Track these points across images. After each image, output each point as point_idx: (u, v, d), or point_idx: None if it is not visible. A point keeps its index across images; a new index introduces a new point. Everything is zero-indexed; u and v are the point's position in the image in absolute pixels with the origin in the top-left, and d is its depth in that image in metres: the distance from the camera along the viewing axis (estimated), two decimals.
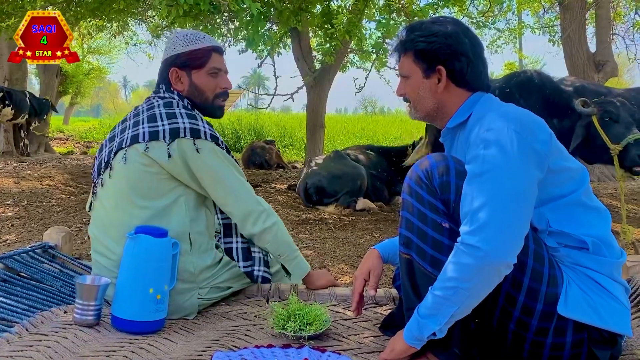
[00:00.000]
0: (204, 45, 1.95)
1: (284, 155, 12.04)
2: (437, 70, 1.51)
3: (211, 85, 1.96)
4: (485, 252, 1.26)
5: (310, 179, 5.71)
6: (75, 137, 17.52)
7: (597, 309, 1.36)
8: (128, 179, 1.82)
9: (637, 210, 5.68)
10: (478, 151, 1.36)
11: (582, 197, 1.44)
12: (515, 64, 17.06)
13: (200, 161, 1.83)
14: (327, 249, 3.91)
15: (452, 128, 1.57)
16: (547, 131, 1.41)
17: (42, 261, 2.12)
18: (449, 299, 1.31)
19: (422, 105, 1.57)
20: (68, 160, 10.27)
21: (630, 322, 1.41)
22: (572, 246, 1.41)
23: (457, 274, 1.30)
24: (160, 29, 8.68)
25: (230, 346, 1.59)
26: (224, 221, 1.99)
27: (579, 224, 1.41)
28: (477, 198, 1.31)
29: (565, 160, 1.45)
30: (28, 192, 5.95)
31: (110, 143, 1.92)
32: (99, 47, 18.02)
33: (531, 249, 1.37)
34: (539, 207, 1.41)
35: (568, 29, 7.24)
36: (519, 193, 1.31)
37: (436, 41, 1.49)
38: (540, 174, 1.36)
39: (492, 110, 1.44)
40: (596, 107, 3.86)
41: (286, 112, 30.82)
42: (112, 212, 1.85)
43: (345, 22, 6.34)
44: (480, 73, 1.52)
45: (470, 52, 1.50)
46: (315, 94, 8.47)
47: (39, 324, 1.59)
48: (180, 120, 1.82)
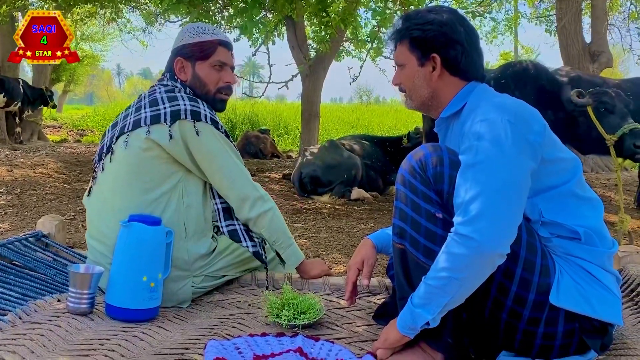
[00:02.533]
0: (211, 38, 1.98)
1: (279, 145, 12.02)
2: (432, 58, 1.51)
3: (213, 78, 1.98)
4: (479, 243, 1.26)
5: (305, 168, 5.70)
6: (68, 125, 17.37)
7: (589, 298, 1.36)
8: (128, 164, 1.83)
9: (629, 200, 5.71)
10: (472, 142, 1.35)
11: (575, 188, 1.44)
12: (511, 53, 17.06)
13: (199, 143, 1.84)
14: (321, 239, 3.92)
15: (446, 118, 1.57)
16: (541, 122, 1.41)
17: (36, 250, 2.11)
18: (442, 288, 1.31)
19: (417, 94, 1.57)
20: (61, 149, 10.20)
21: (621, 312, 1.42)
22: (564, 236, 1.41)
23: (450, 264, 1.30)
24: (154, 16, 8.60)
25: (224, 335, 1.59)
26: (222, 205, 1.98)
27: (572, 215, 1.42)
28: (470, 189, 1.30)
29: (558, 151, 1.45)
30: (21, 180, 5.92)
31: (113, 129, 1.94)
32: (92, 34, 17.85)
33: (524, 239, 1.37)
34: (532, 197, 1.41)
35: (563, 19, 7.22)
36: (512, 183, 1.31)
37: (431, 29, 1.49)
38: (534, 165, 1.36)
39: (486, 101, 1.44)
40: (591, 98, 3.87)
41: (281, 101, 30.71)
42: (110, 197, 1.86)
43: (340, 10, 6.30)
44: (475, 62, 1.52)
45: (466, 41, 1.50)
46: (310, 83, 8.43)
47: (32, 312, 1.59)
48: (182, 103, 1.85)
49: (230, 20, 7.69)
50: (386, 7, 6.12)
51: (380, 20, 6.15)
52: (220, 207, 1.98)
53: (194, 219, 1.88)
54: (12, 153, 8.71)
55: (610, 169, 8.37)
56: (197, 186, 1.91)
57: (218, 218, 1.98)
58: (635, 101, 4.11)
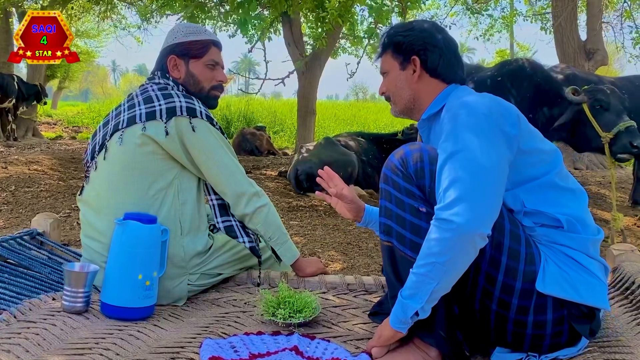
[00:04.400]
0: (204, 37, 2.00)
1: (275, 142, 12.00)
2: (412, 60, 1.60)
3: (207, 76, 2.00)
4: (458, 224, 1.28)
5: (301, 165, 5.70)
6: (63, 122, 17.31)
7: (574, 284, 1.39)
8: (123, 161, 1.83)
9: (624, 198, 5.73)
10: (448, 135, 1.40)
11: (556, 179, 1.47)
12: (507, 51, 17.08)
13: (195, 139, 1.85)
14: (317, 236, 3.92)
15: (426, 119, 1.64)
16: (515, 114, 1.45)
17: (30, 248, 2.10)
18: (427, 275, 1.32)
19: (399, 97, 1.65)
20: (56, 145, 10.16)
21: (607, 296, 1.45)
22: (547, 225, 1.44)
23: (433, 249, 1.32)
24: (149, 12, 8.56)
25: (220, 333, 1.59)
26: (217, 201, 1.99)
27: (553, 204, 1.45)
28: (448, 177, 1.34)
29: (536, 142, 1.48)
30: (16, 177, 5.89)
31: (104, 127, 1.94)
32: (87, 30, 17.75)
33: (507, 228, 1.40)
34: (513, 189, 1.45)
35: (560, 17, 7.23)
36: (489, 168, 1.33)
37: (411, 34, 1.61)
38: (510, 155, 1.39)
39: (463, 98, 1.48)
40: (587, 95, 3.87)
41: (277, 98, 30.68)
42: (104, 195, 1.85)
43: (337, 7, 6.29)
44: (453, 66, 1.61)
45: (444, 46, 1.60)
46: (306, 80, 8.41)
47: (27, 311, 1.58)
48: (177, 100, 1.86)
49: (227, 16, 7.67)
50: (383, 3, 6.10)
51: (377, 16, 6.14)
52: (215, 203, 1.99)
53: (189, 215, 1.87)
54: (7, 150, 8.68)
55: (605, 166, 8.41)
56: (191, 183, 1.91)
57: (214, 214, 1.99)
58: (630, 99, 4.13)
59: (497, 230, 1.37)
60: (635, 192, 5.45)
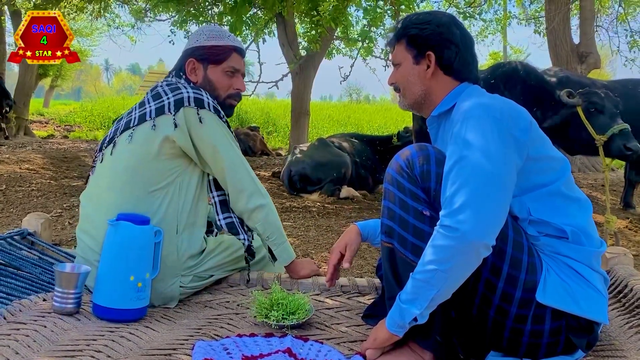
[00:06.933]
0: (226, 43, 1.97)
1: (268, 142, 11.99)
2: (427, 55, 1.55)
3: (224, 83, 1.98)
4: (462, 233, 1.26)
5: (294, 166, 5.69)
6: (55, 121, 17.19)
7: (575, 296, 1.37)
8: (129, 159, 1.82)
9: (615, 201, 5.76)
10: (458, 138, 1.37)
11: (563, 188, 1.45)
12: (500, 54, 17.16)
13: (202, 131, 1.84)
14: (310, 237, 3.91)
15: (437, 116, 1.60)
16: (527, 119, 1.42)
17: (21, 248, 2.08)
18: (429, 281, 1.31)
19: (410, 92, 1.60)
20: (48, 144, 10.09)
21: (607, 310, 1.43)
22: (552, 235, 1.42)
23: (436, 256, 1.30)
24: (143, 12, 8.53)
25: (213, 335, 1.58)
26: (219, 198, 1.98)
27: (560, 214, 1.43)
28: (455, 182, 1.32)
29: (547, 149, 1.46)
30: (7, 176, 5.84)
31: (118, 123, 1.94)
32: (80, 29, 17.64)
33: (510, 237, 1.38)
34: (520, 195, 1.42)
35: (553, 21, 7.27)
36: (496, 176, 1.32)
37: (428, 28, 1.54)
38: (519, 161, 1.38)
39: (474, 99, 1.46)
40: (581, 98, 3.89)
41: (271, 98, 30.62)
42: (105, 191, 1.84)
43: (331, 9, 6.29)
44: (468, 64, 1.56)
45: (461, 42, 1.54)
46: (300, 81, 8.42)
47: (17, 312, 1.56)
48: (184, 91, 1.84)
49: (220, 17, 7.65)
50: (377, 5, 6.12)
51: (370, 19, 6.15)
52: (217, 200, 1.98)
53: (185, 213, 1.86)
54: None
55: (597, 169, 8.45)
56: (193, 181, 1.89)
57: (215, 211, 1.98)
58: (623, 102, 4.15)
59: (500, 238, 1.33)
60: (626, 194, 5.49)
